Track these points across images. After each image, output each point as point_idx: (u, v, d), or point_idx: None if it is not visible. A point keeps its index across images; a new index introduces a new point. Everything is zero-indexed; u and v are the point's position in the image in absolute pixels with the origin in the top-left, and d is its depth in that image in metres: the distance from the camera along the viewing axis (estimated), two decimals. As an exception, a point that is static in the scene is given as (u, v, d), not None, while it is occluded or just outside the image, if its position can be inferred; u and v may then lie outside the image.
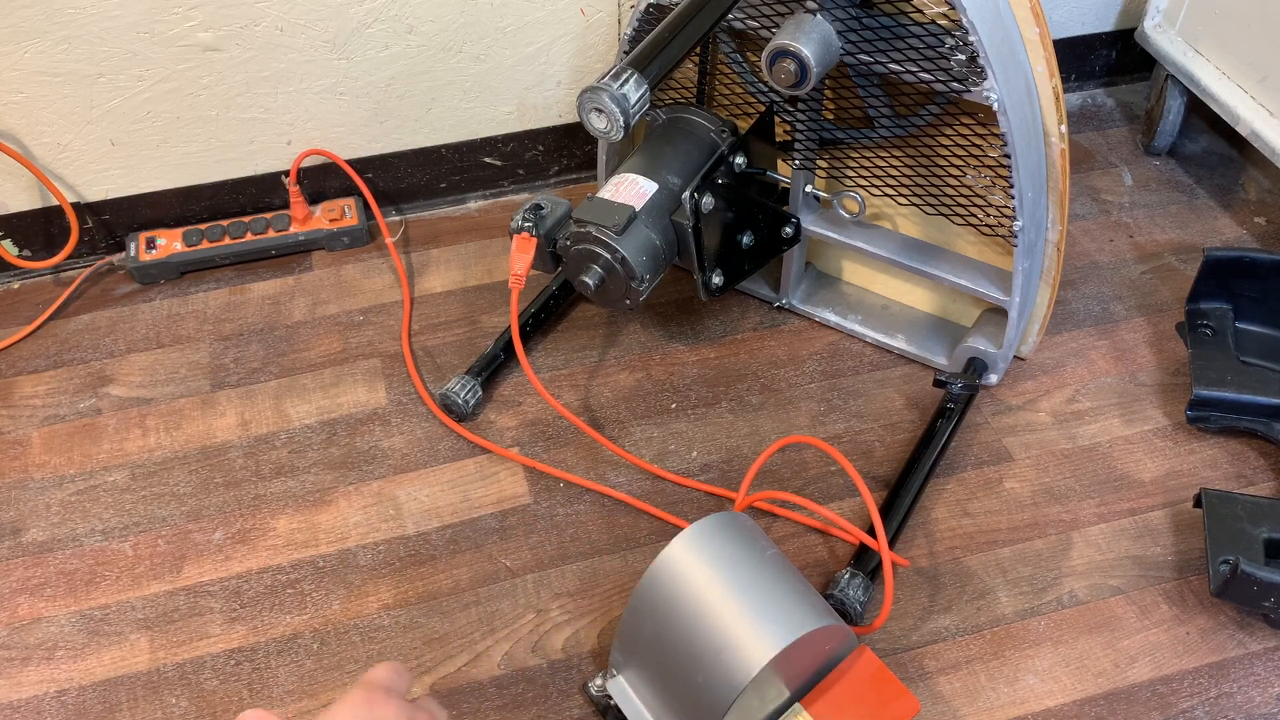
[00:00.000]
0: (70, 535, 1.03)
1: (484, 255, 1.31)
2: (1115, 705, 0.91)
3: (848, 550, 1.02)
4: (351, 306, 1.25)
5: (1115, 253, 1.30)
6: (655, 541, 1.03)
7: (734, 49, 1.10)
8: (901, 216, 1.14)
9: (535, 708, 0.91)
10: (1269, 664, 0.93)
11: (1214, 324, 1.13)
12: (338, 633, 0.96)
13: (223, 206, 1.32)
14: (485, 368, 1.14)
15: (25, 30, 1.11)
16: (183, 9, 1.14)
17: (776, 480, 1.07)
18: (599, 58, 1.31)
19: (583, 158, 1.40)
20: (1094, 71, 1.54)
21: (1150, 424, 1.12)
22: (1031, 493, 1.06)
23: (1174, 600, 0.98)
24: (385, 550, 1.02)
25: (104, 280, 1.29)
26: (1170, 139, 1.41)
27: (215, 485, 1.07)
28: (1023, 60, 0.97)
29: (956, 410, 1.08)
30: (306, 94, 1.24)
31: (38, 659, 0.95)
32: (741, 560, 0.80)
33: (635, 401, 1.14)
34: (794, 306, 1.23)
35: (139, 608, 0.98)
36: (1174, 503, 1.05)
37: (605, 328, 1.23)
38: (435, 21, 1.22)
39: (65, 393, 1.16)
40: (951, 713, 0.90)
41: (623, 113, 0.83)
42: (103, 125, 1.20)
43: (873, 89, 1.04)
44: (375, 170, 1.34)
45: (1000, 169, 1.00)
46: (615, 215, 1.01)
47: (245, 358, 1.19)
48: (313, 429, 1.12)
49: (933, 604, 0.98)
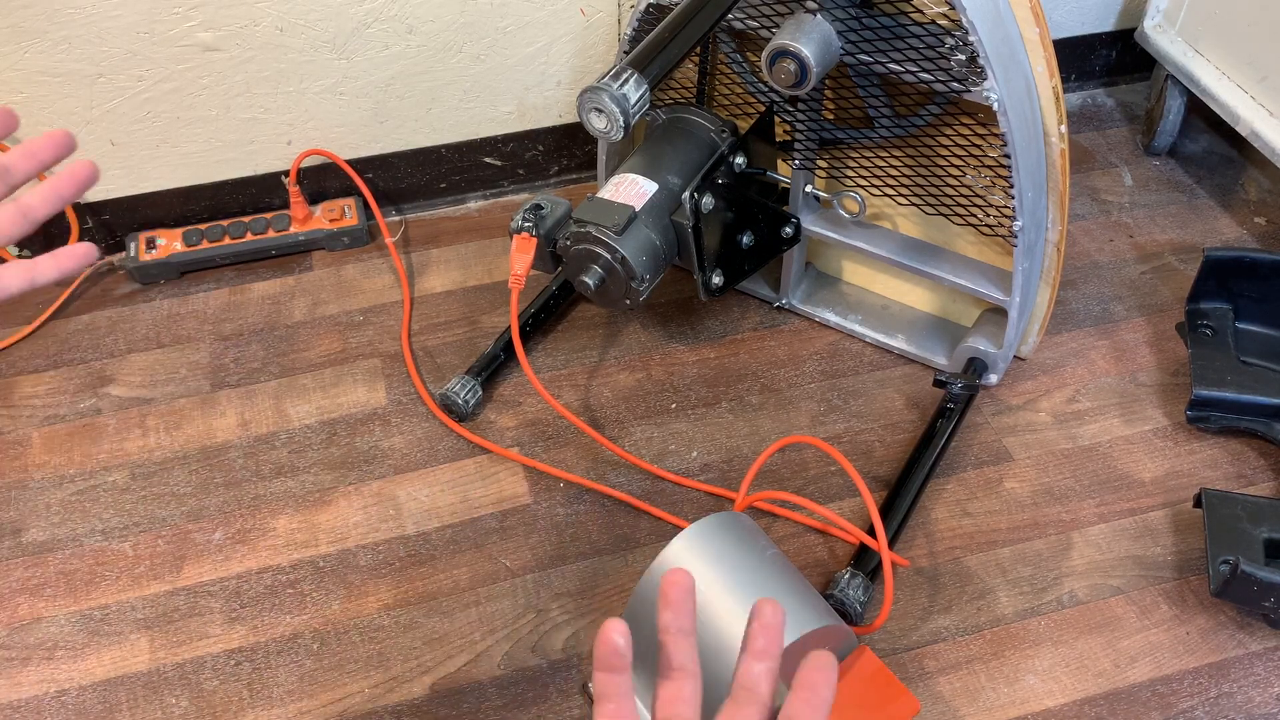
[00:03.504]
0: (70, 535, 1.03)
1: (484, 255, 1.31)
2: (1115, 705, 0.91)
3: (848, 550, 1.02)
4: (351, 306, 1.25)
5: (1115, 253, 1.30)
6: (655, 541, 1.03)
7: (734, 49, 1.10)
8: (901, 216, 1.14)
9: (535, 708, 0.91)
10: (1269, 664, 0.93)
11: (1214, 324, 1.13)
12: (338, 633, 0.96)
13: (223, 206, 1.32)
14: (485, 368, 1.14)
15: (25, 30, 1.11)
16: (183, 9, 1.14)
17: (776, 480, 1.07)
18: (599, 58, 1.31)
19: (583, 158, 1.40)
20: (1094, 71, 1.54)
21: (1150, 424, 1.12)
22: (1031, 493, 1.06)
23: (1174, 600, 0.98)
24: (385, 550, 1.02)
25: (104, 280, 1.29)
26: (1170, 139, 1.41)
27: (215, 485, 1.07)
28: (1023, 60, 0.97)
29: (956, 410, 1.08)
30: (306, 94, 1.24)
31: (38, 659, 0.95)
32: (741, 560, 0.80)
33: (635, 401, 1.14)
34: (794, 306, 1.23)
35: (139, 608, 0.98)
36: (1174, 503, 1.05)
37: (605, 328, 1.23)
38: (435, 21, 1.22)
39: (65, 393, 1.16)
40: (951, 713, 0.90)
41: (623, 113, 0.83)
42: (103, 125, 1.20)
43: (873, 89, 1.04)
44: (375, 170, 1.34)
45: (1000, 169, 1.00)
46: (615, 215, 1.01)
47: (245, 358, 1.19)
48: (313, 429, 1.12)
49: (933, 604, 0.98)
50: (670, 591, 0.55)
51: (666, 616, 0.55)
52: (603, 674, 0.54)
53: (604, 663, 0.54)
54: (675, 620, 0.55)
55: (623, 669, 0.54)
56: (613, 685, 0.54)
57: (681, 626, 0.55)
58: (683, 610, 0.55)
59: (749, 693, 0.54)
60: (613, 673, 0.54)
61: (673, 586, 0.55)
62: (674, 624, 0.55)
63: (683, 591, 0.55)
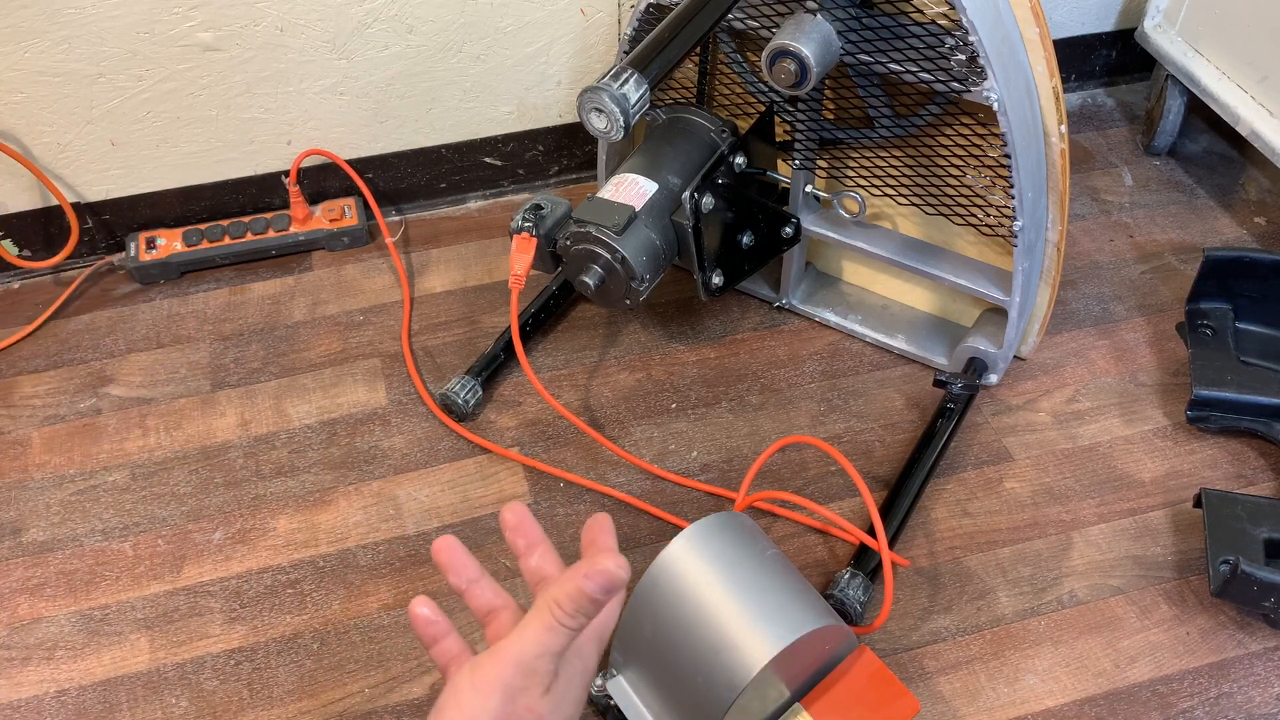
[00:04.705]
0: (70, 535, 1.03)
1: (484, 255, 1.31)
2: (1115, 705, 0.91)
3: (848, 550, 1.02)
4: (351, 306, 1.25)
5: (1115, 253, 1.30)
6: (655, 541, 1.03)
7: (734, 49, 1.10)
8: (901, 216, 1.14)
9: (535, 708, 0.91)
10: (1269, 664, 0.93)
11: (1214, 324, 1.13)
12: (338, 633, 0.96)
13: (223, 206, 1.32)
14: (485, 368, 1.14)
15: (25, 30, 1.11)
16: (183, 9, 1.14)
17: (776, 480, 1.07)
18: (599, 58, 1.31)
19: (583, 158, 1.40)
20: (1094, 71, 1.54)
21: (1150, 424, 1.12)
22: (1031, 493, 1.06)
23: (1174, 600, 0.98)
24: (385, 550, 1.02)
25: (104, 280, 1.29)
26: (1170, 139, 1.41)
27: (215, 485, 1.07)
28: (1023, 60, 0.97)
29: (956, 410, 1.08)
30: (306, 94, 1.24)
31: (38, 659, 0.95)
32: (741, 560, 0.80)
33: (635, 401, 1.14)
34: (794, 306, 1.23)
35: (139, 608, 0.98)
36: (1174, 503, 1.05)
37: (605, 328, 1.23)
38: (435, 21, 1.22)
39: (65, 393, 1.16)
40: (951, 713, 0.90)
41: (623, 113, 0.83)
42: (103, 125, 1.20)
43: (873, 89, 1.04)
44: (375, 170, 1.34)
45: (1000, 169, 1.00)
46: (615, 215, 1.01)
47: (245, 358, 1.19)
48: (313, 429, 1.12)
49: (933, 604, 0.98)
50: (439, 557, 0.64)
51: (452, 580, 0.64)
52: (433, 648, 0.63)
53: (427, 637, 0.63)
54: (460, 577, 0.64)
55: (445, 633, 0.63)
56: (445, 652, 0.63)
57: (470, 578, 0.64)
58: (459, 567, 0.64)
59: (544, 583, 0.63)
60: (439, 641, 0.63)
61: (439, 553, 0.64)
62: (461, 580, 0.64)
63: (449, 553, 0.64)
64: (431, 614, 0.63)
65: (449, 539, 0.65)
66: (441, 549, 0.64)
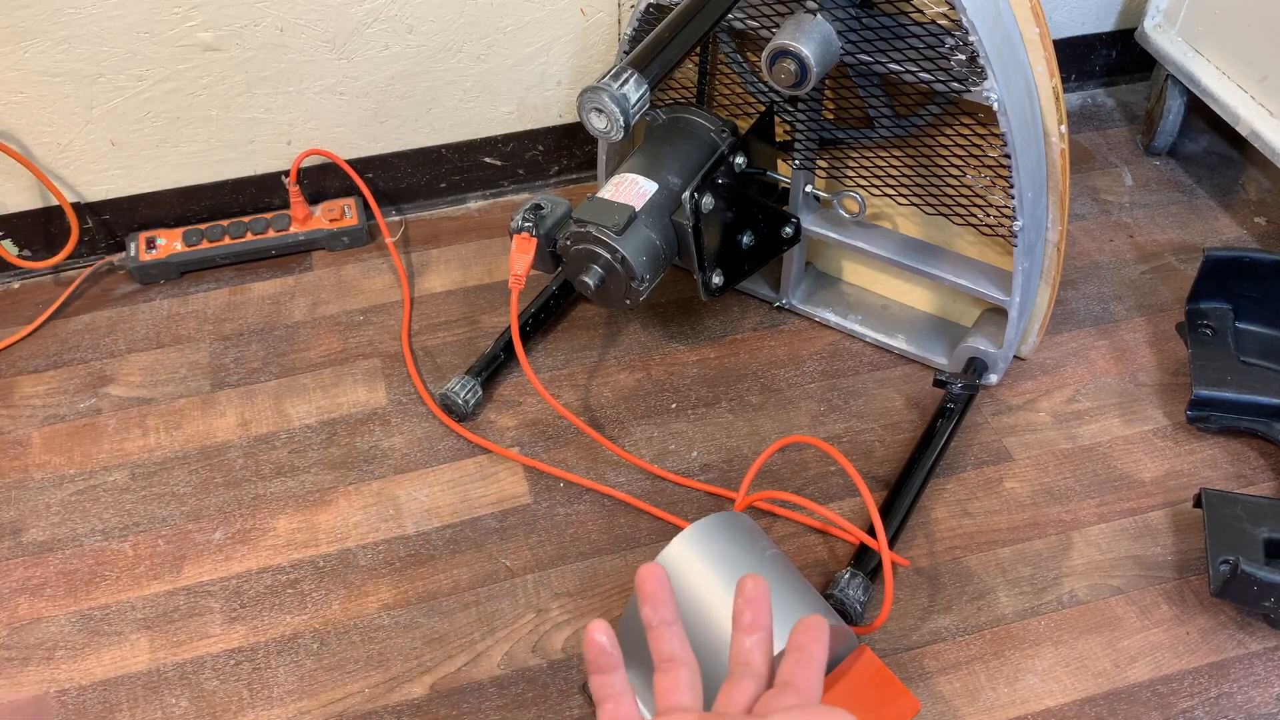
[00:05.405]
0: (70, 535, 1.03)
1: (484, 255, 1.31)
2: (1115, 705, 0.91)
3: (848, 550, 1.02)
4: (351, 306, 1.25)
5: (1115, 253, 1.30)
6: (655, 541, 1.03)
7: (734, 49, 1.10)
8: (901, 216, 1.14)
9: (535, 708, 0.91)
10: (1269, 664, 0.93)
11: (1214, 324, 1.13)
12: (338, 633, 0.96)
13: (223, 206, 1.32)
14: (485, 368, 1.14)
15: (25, 30, 1.11)
16: (183, 9, 1.14)
17: (776, 480, 1.07)
18: (599, 58, 1.31)
19: (583, 158, 1.40)
20: (1094, 71, 1.54)
21: (1150, 424, 1.12)
22: (1031, 493, 1.06)
23: (1174, 600, 0.98)
24: (385, 550, 1.02)
25: (104, 280, 1.29)
26: (1170, 139, 1.41)
27: (215, 485, 1.07)
28: (1023, 60, 0.97)
29: (956, 410, 1.08)
30: (306, 94, 1.24)
31: (38, 659, 0.95)
32: (741, 560, 0.80)
33: (635, 401, 1.14)
34: (794, 306, 1.23)
35: (139, 608, 0.98)
36: (1174, 503, 1.05)
37: (605, 328, 1.23)
38: (435, 21, 1.22)
39: (65, 393, 1.16)
40: (951, 713, 0.90)
41: (623, 113, 0.83)
42: (103, 125, 1.20)
43: (873, 89, 1.04)
44: (375, 170, 1.34)
45: (1000, 169, 1.00)
46: (615, 215, 1.01)
47: (245, 358, 1.19)
48: (313, 429, 1.12)
49: (933, 604, 0.98)
50: (645, 586, 0.57)
51: (647, 612, 0.57)
52: (596, 676, 0.55)
53: (594, 665, 0.55)
54: (656, 613, 0.56)
55: (613, 668, 0.55)
56: (607, 685, 0.55)
57: (664, 618, 0.57)
58: (660, 603, 0.57)
59: (744, 667, 0.55)
60: (605, 673, 0.55)
61: (646, 581, 0.57)
62: (655, 617, 0.56)
63: (656, 584, 0.57)
64: (608, 644, 0.56)
65: (661, 570, 0.57)
66: (649, 578, 0.57)
